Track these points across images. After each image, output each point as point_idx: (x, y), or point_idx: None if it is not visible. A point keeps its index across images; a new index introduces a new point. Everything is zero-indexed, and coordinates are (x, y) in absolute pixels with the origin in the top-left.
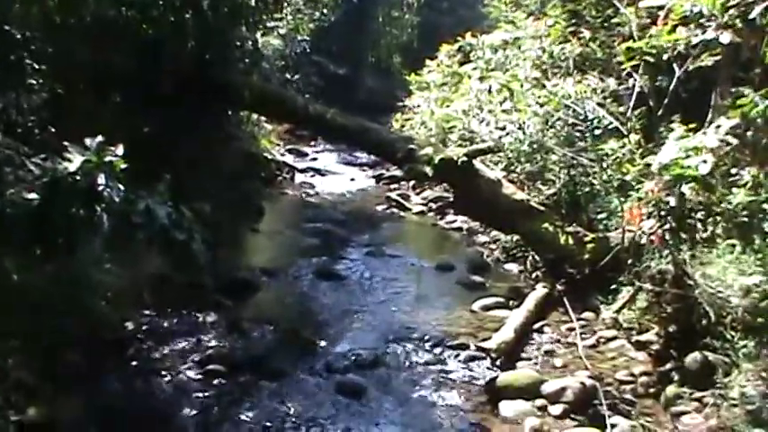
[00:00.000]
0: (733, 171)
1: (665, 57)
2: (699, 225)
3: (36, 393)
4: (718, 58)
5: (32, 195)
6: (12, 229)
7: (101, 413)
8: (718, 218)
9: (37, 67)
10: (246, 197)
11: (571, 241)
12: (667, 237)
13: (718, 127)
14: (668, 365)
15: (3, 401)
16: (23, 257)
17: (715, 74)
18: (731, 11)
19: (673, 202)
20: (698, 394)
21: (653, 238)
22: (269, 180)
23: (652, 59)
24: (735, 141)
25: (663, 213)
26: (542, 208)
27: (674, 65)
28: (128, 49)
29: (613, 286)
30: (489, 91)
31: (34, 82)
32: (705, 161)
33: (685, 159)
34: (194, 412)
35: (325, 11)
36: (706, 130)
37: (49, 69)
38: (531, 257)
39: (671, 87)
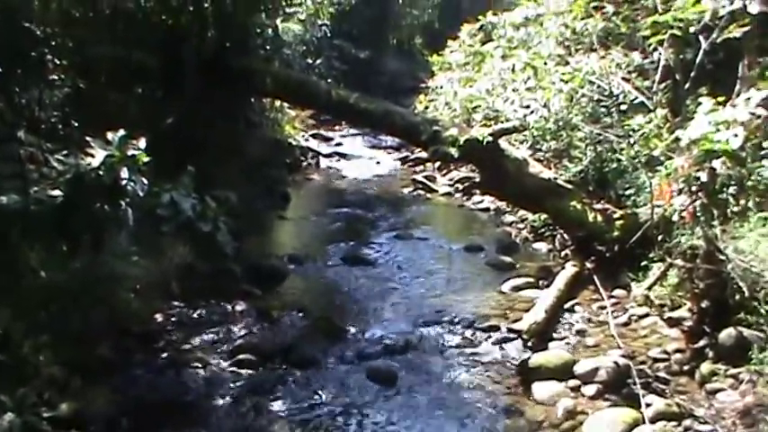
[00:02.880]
0: (765, 144)
1: (690, 29)
2: (730, 199)
3: (67, 388)
4: (746, 29)
5: (56, 192)
6: (37, 227)
7: (132, 406)
8: (750, 192)
9: (58, 62)
10: (272, 184)
11: (599, 219)
12: (698, 212)
13: (748, 99)
14: (702, 342)
15: (35, 397)
16: (50, 254)
17: (742, 45)
18: None
19: (704, 177)
20: (733, 371)
21: (684, 214)
22: (294, 166)
23: (678, 32)
24: (766, 113)
25: (694, 189)
26: (569, 186)
27: (700, 37)
28: (148, 41)
29: (644, 263)
30: (513, 69)
31: (56, 77)
32: (736, 135)
33: (715, 134)
34: (225, 403)
35: None
36: (735, 103)
37: (70, 64)
38: (559, 236)
39: (697, 60)
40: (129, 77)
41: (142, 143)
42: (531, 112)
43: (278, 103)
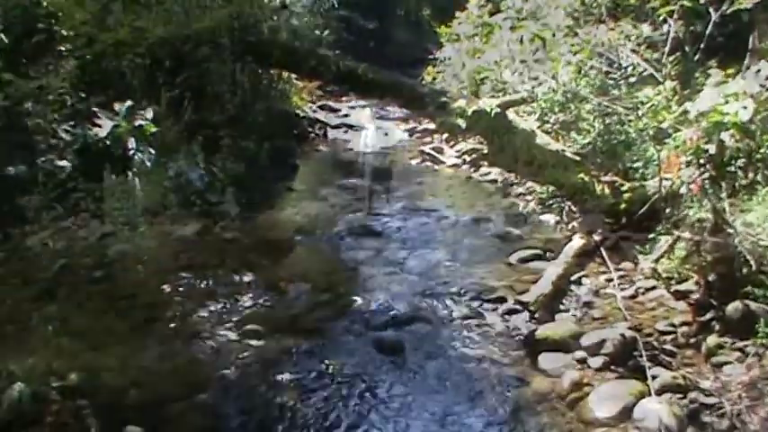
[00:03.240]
0: None
1: (701, 0)
2: (739, 172)
3: (76, 359)
4: (757, 0)
5: (64, 163)
6: (44, 198)
7: (140, 377)
8: (759, 164)
9: (65, 33)
10: (280, 155)
11: (607, 191)
12: (706, 185)
13: (758, 71)
14: (709, 315)
15: (45, 367)
16: (57, 223)
17: (752, 16)
18: None
19: (712, 150)
20: (739, 344)
21: (692, 187)
22: (302, 137)
23: (688, 4)
24: None
25: (702, 162)
26: (577, 158)
27: (710, 8)
28: (154, 12)
29: (651, 236)
30: (521, 41)
31: (63, 49)
32: (745, 107)
33: (724, 106)
34: (232, 373)
35: None
36: (745, 75)
37: (78, 36)
38: (567, 208)
39: (707, 32)
40: (136, 49)
41: (149, 114)
42: (540, 83)
43: (285, 74)
